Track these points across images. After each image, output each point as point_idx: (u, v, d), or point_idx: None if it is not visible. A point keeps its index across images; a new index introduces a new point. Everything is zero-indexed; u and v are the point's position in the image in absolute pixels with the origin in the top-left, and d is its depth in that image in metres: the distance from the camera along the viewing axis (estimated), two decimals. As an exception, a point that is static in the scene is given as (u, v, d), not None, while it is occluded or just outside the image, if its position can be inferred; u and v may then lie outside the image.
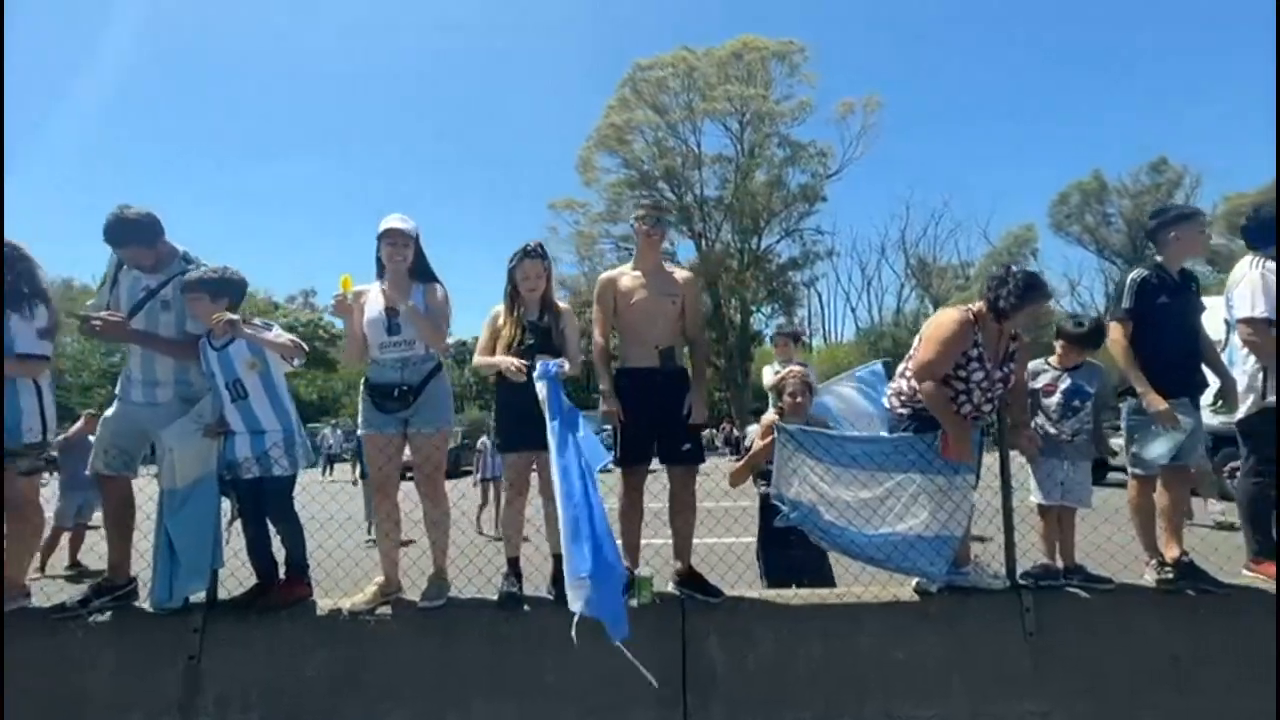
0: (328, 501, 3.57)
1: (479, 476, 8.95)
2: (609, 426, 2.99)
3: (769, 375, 4.03)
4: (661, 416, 2.94)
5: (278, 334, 2.94)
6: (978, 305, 2.88)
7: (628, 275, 3.13)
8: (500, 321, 3.05)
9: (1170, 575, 3.00)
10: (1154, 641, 2.92)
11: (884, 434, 3.07)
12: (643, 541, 3.12)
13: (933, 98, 63.03)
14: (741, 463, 3.30)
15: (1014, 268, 2.85)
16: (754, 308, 40.01)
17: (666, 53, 39.65)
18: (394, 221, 2.96)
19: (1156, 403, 2.92)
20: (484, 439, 8.97)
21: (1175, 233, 3.08)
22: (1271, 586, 3.03)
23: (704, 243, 40.73)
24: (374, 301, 2.99)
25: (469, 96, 72.91)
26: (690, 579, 2.98)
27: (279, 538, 2.94)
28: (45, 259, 2.84)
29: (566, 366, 2.80)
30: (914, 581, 3.01)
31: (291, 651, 2.77)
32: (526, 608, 2.89)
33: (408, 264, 3.00)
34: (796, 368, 3.42)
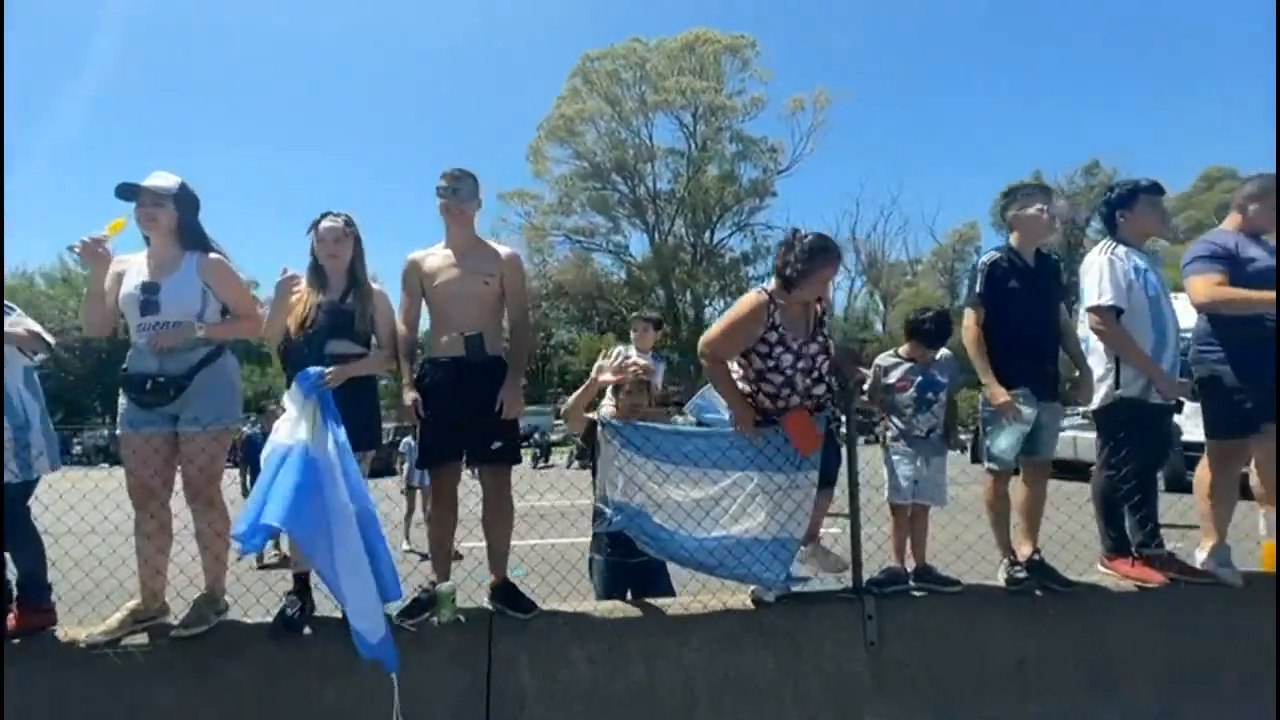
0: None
1: (405, 483, 7.71)
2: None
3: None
4: (469, 411, 2.61)
5: (13, 323, 2.50)
6: (773, 284, 2.65)
7: (436, 254, 2.78)
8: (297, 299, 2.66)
9: (1020, 575, 2.84)
10: (1000, 645, 2.74)
11: (725, 430, 2.80)
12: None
13: (883, 95, 64.21)
14: (576, 395, 2.94)
15: (800, 231, 2.62)
16: (707, 301, 40.07)
17: (618, 44, 39.21)
18: (149, 180, 2.53)
19: (996, 394, 2.74)
20: (408, 439, 7.67)
21: (1016, 212, 2.92)
22: (1125, 584, 2.90)
23: (657, 236, 40.56)
24: (133, 274, 2.56)
25: (417, 80, 70.88)
26: (503, 593, 2.67)
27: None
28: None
29: (328, 376, 2.38)
30: (750, 589, 2.76)
31: (12, 692, 2.34)
32: (308, 631, 2.53)
33: (169, 229, 2.57)
34: (640, 361, 3.13)
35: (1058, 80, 62.92)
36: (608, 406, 3.15)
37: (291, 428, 2.26)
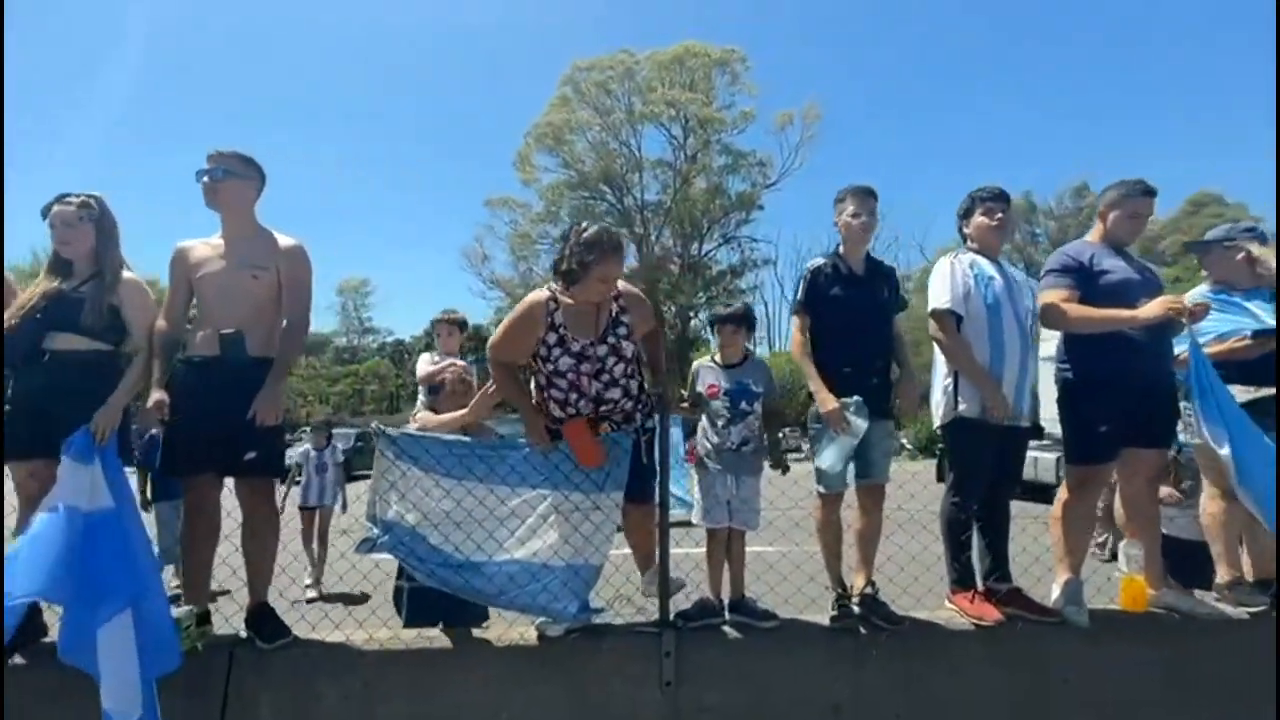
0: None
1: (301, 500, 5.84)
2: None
3: (424, 364, 3.48)
4: (221, 418, 2.34)
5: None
6: (559, 283, 2.43)
7: (208, 243, 2.53)
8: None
9: (848, 609, 2.58)
10: (815, 689, 2.48)
11: (522, 439, 2.55)
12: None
13: (875, 111, 64.54)
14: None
15: (582, 224, 2.41)
16: (691, 313, 39.94)
17: (608, 54, 39.32)
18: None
19: (824, 401, 2.52)
20: (306, 449, 5.98)
21: (843, 218, 2.71)
22: (964, 622, 2.64)
23: (645, 246, 40.48)
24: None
25: (407, 85, 70.89)
26: (254, 618, 2.40)
27: None
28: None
29: (98, 434, 2.17)
30: (537, 621, 2.49)
31: None
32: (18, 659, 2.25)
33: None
34: (458, 363, 2.89)
35: (1050, 101, 63.43)
36: (421, 409, 2.88)
37: (66, 490, 2.07)
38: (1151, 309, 2.58)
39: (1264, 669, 2.70)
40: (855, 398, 2.50)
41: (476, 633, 2.48)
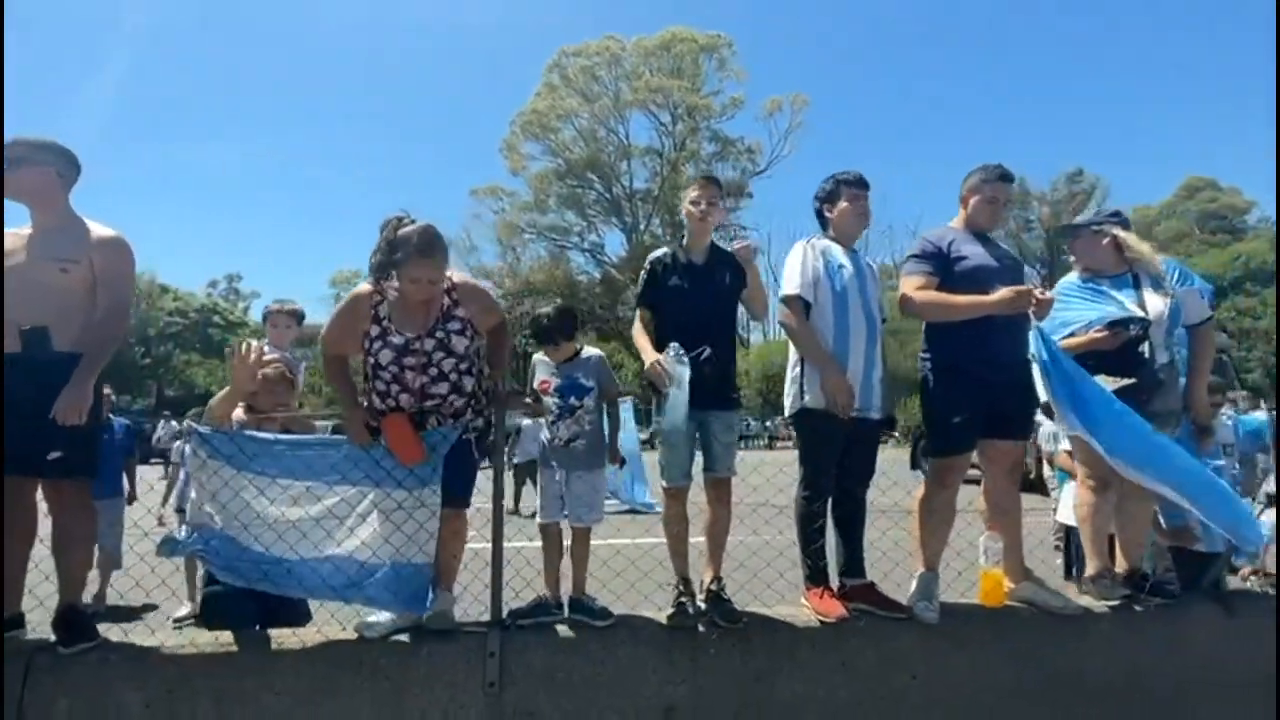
0: None
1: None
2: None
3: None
4: (21, 416, 2.25)
5: None
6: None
7: (16, 233, 2.43)
8: None
9: (685, 607, 2.51)
10: (649, 689, 2.41)
11: (339, 437, 2.47)
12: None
13: (866, 99, 64.02)
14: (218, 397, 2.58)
15: (402, 219, 2.28)
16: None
17: (594, 40, 38.91)
18: None
19: (646, 356, 2.48)
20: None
21: (685, 205, 2.63)
22: (813, 619, 2.58)
23: (635, 235, 40.31)
24: None
25: (395, 72, 70.15)
26: (62, 623, 2.32)
27: None
28: None
29: None
30: (354, 623, 2.42)
31: None
32: None
33: None
34: (277, 356, 2.79)
35: (1045, 86, 62.89)
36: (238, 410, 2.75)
37: None
38: (998, 296, 2.50)
39: (1121, 663, 2.65)
40: (674, 344, 2.42)
41: (291, 636, 2.40)
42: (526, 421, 6.86)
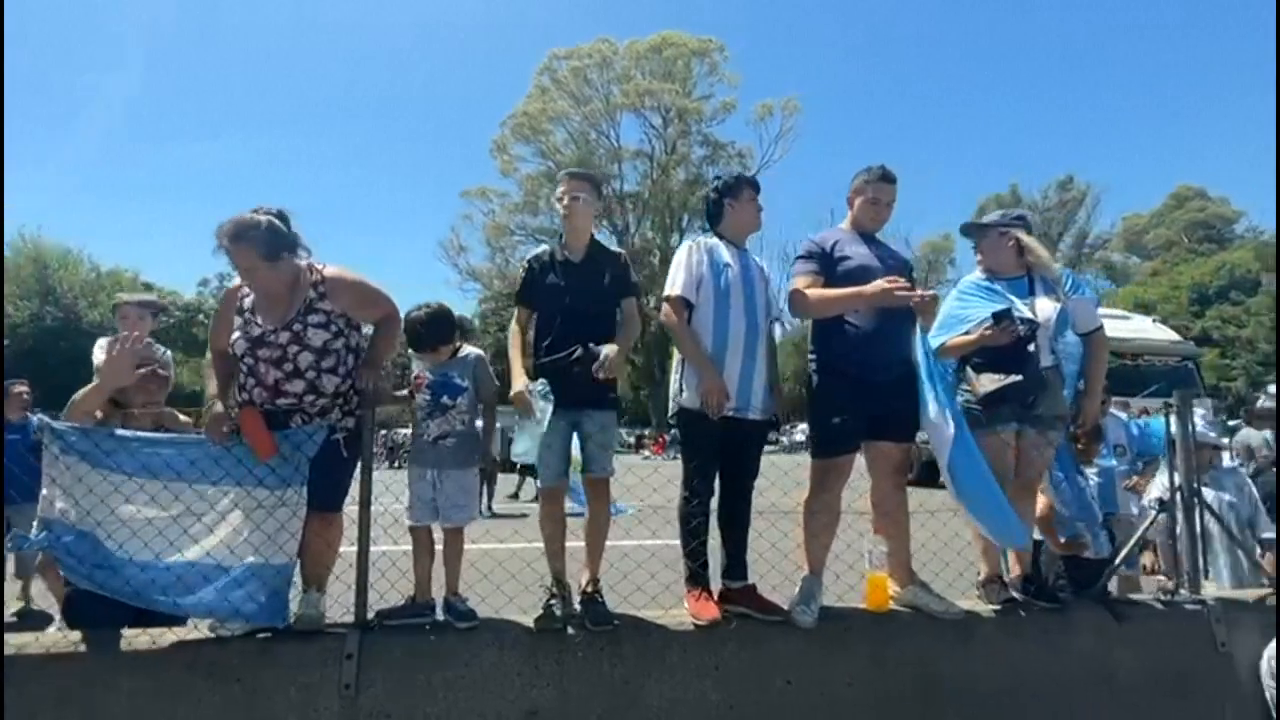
0: None
1: None
2: None
3: (98, 353, 3.08)
4: None
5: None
6: None
7: None
8: None
9: (553, 610, 2.47)
10: (512, 693, 2.36)
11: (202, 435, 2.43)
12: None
13: (858, 104, 64.19)
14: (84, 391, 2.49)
15: (263, 207, 2.29)
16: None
17: (585, 43, 38.96)
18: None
19: (515, 382, 2.44)
20: None
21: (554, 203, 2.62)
22: (688, 622, 2.54)
23: (625, 238, 40.29)
24: None
25: (385, 74, 70.06)
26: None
27: None
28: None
29: None
30: (207, 623, 2.37)
31: None
32: None
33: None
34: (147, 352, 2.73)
35: (1036, 96, 63.21)
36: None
37: None
38: (873, 288, 2.49)
39: (1004, 667, 2.62)
40: (541, 380, 2.40)
41: (141, 635, 2.34)
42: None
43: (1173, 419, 2.97)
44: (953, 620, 2.62)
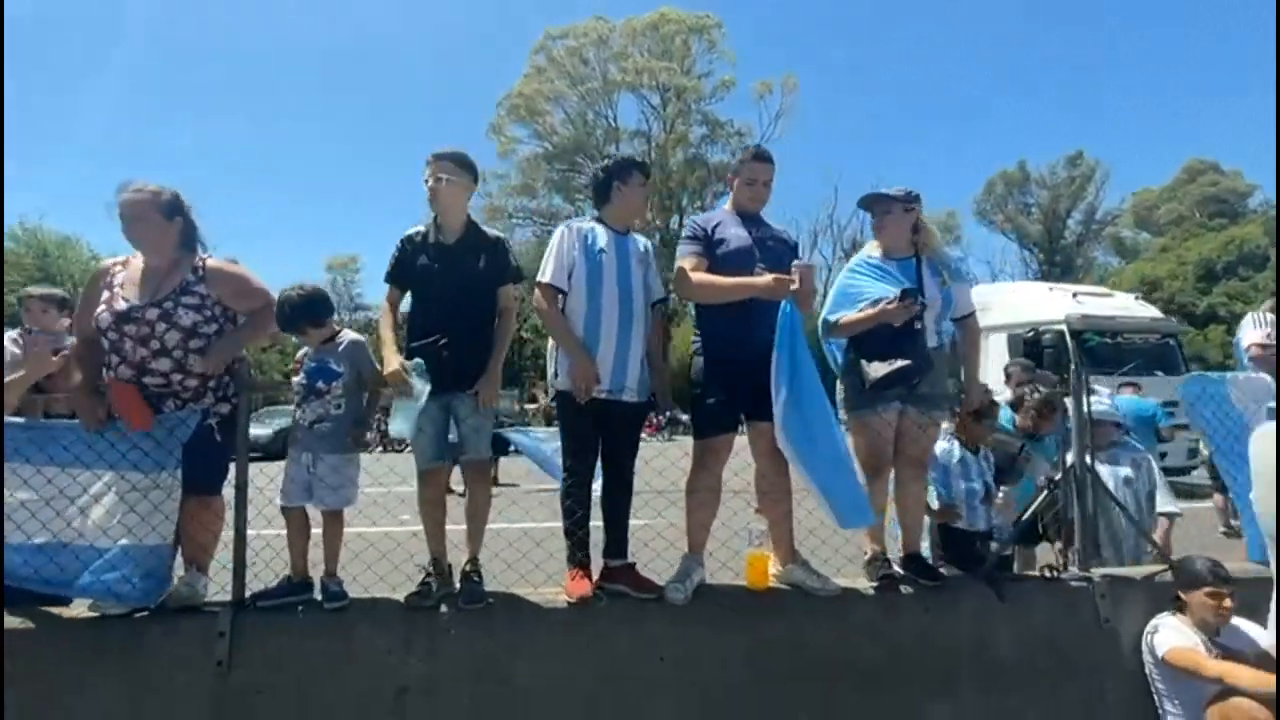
0: None
1: None
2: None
3: (10, 346, 2.86)
4: None
5: None
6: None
7: None
8: None
9: (428, 588, 2.51)
10: (382, 670, 2.41)
11: (74, 421, 2.46)
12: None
13: (863, 82, 63.05)
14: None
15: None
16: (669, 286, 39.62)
17: (581, 21, 38.39)
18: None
19: (388, 361, 2.45)
20: None
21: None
22: (560, 599, 2.57)
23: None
24: None
25: (376, 52, 69.25)
26: None
27: None
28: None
29: None
30: (89, 602, 2.42)
31: None
32: None
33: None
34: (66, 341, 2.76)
35: (1045, 69, 61.83)
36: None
37: None
38: (763, 281, 2.49)
39: (881, 644, 2.64)
40: (417, 360, 2.41)
41: (23, 621, 2.40)
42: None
43: (1067, 400, 2.95)
44: (829, 597, 2.64)
